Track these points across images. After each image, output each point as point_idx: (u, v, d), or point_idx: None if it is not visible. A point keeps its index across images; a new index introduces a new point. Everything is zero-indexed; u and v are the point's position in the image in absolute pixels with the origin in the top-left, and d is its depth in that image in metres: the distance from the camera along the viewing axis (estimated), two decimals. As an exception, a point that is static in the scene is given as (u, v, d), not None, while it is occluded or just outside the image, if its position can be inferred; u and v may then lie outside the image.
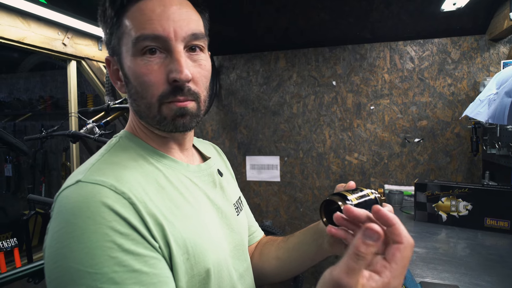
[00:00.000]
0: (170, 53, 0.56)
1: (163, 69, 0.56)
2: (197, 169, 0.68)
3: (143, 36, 0.54)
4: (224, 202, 0.71)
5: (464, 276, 1.19)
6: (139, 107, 0.59)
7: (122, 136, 0.64)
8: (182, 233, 0.54)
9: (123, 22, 0.57)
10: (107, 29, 0.60)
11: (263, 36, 2.57)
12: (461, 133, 2.41)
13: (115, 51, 0.60)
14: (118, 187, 0.49)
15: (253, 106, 2.86)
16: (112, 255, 0.45)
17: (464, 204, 1.71)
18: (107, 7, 0.58)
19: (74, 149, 2.32)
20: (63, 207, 0.48)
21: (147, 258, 0.48)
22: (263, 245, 0.86)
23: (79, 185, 0.49)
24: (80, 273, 0.44)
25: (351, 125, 2.65)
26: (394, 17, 2.23)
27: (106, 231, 0.46)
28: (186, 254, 0.53)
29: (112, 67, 0.63)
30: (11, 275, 1.15)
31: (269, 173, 2.85)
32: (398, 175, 2.57)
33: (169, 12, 0.55)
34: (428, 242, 1.54)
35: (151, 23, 0.54)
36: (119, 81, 0.63)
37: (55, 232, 0.47)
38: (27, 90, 3.62)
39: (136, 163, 0.58)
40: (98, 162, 0.55)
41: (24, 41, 1.85)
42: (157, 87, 0.56)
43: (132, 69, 0.57)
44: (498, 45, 2.30)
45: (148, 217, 0.50)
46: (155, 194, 0.54)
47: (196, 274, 0.55)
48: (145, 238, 0.49)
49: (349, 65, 2.62)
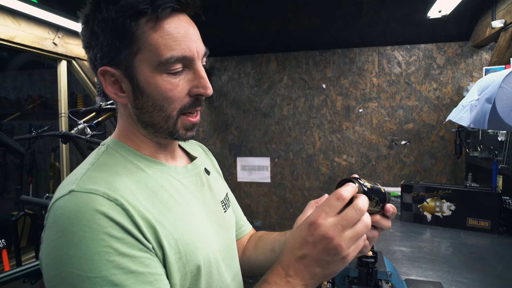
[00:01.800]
0: (194, 70, 0.61)
1: (186, 84, 0.61)
2: (184, 170, 0.70)
3: (174, 58, 0.57)
4: (211, 200, 0.74)
5: (447, 274, 1.24)
6: (153, 119, 0.62)
7: (110, 143, 0.65)
8: (173, 234, 0.57)
9: (144, 39, 0.57)
10: (114, 40, 0.57)
11: (254, 38, 2.61)
12: (445, 136, 2.49)
13: (121, 63, 0.58)
14: (111, 195, 0.51)
15: (244, 108, 2.89)
16: (109, 259, 0.47)
17: (447, 204, 1.78)
18: (121, 19, 0.55)
19: (64, 149, 2.30)
20: (59, 216, 0.50)
21: (142, 259, 0.50)
22: (258, 239, 0.89)
23: (73, 194, 0.51)
24: (81, 278, 0.46)
25: (340, 128, 2.70)
26: (383, 23, 2.29)
27: (102, 237, 0.48)
28: (178, 253, 0.56)
29: (108, 78, 0.61)
30: (8, 276, 1.16)
31: (260, 174, 2.89)
32: (385, 177, 2.64)
33: (190, 33, 0.60)
34: (414, 242, 1.60)
35: (179, 44, 0.58)
36: (119, 92, 0.62)
37: (52, 241, 0.49)
38: (15, 89, 3.56)
39: (126, 169, 0.60)
40: (89, 171, 0.56)
41: (14, 40, 1.83)
42: (180, 101, 0.61)
43: (153, 84, 0.58)
44: (481, 52, 2.39)
45: (140, 221, 0.52)
46: (146, 198, 0.56)
47: (188, 271, 0.58)
48: (139, 240, 0.51)
49: (339, 68, 2.67)
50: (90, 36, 0.59)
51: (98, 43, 0.58)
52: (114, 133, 0.68)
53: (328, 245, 0.51)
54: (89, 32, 0.59)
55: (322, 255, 0.52)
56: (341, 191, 0.53)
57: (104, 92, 2.08)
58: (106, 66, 0.59)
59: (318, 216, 0.52)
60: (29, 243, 2.24)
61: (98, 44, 0.58)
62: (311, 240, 0.52)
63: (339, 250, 0.51)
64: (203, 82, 0.61)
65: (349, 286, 0.92)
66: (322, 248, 0.52)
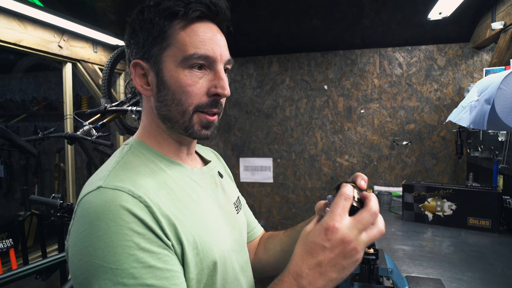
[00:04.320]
0: (214, 71, 0.65)
1: (205, 83, 0.65)
2: (200, 172, 0.74)
3: (197, 55, 0.62)
4: (225, 202, 0.77)
5: (447, 271, 1.26)
6: (170, 112, 0.66)
7: (133, 143, 0.69)
8: (191, 231, 0.60)
9: (173, 36, 0.63)
10: (149, 37, 0.63)
11: (256, 40, 2.63)
12: (446, 136, 2.51)
13: (151, 57, 0.64)
14: (135, 192, 0.55)
15: (247, 109, 2.91)
16: (131, 252, 0.50)
17: (448, 204, 1.80)
18: (157, 18, 0.62)
19: (69, 150, 2.33)
20: (86, 210, 0.53)
21: (160, 255, 0.53)
22: (266, 240, 0.92)
23: (101, 190, 0.55)
24: (103, 268, 0.50)
25: (342, 128, 2.73)
26: (384, 25, 2.31)
27: (126, 232, 0.51)
28: (196, 249, 0.59)
29: (138, 71, 0.67)
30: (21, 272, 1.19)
31: (262, 175, 2.91)
32: (387, 177, 2.66)
33: (217, 38, 0.65)
34: (415, 241, 1.61)
35: (204, 44, 0.63)
36: (145, 85, 0.67)
37: (79, 233, 0.53)
38: (20, 91, 3.60)
39: (148, 168, 0.63)
40: (115, 169, 0.60)
41: (21, 44, 1.87)
42: (197, 98, 0.64)
43: (175, 78, 0.63)
44: (481, 53, 2.40)
45: (161, 218, 0.55)
46: (166, 196, 0.60)
47: (205, 267, 0.61)
48: (159, 237, 0.54)
49: (340, 70, 2.70)
50: (131, 35, 0.67)
51: (136, 40, 0.66)
52: (137, 132, 0.73)
53: (346, 248, 0.51)
54: (131, 31, 0.67)
55: (339, 259, 0.51)
56: (345, 191, 0.54)
57: (108, 93, 2.12)
58: (138, 59, 0.66)
59: (334, 221, 0.52)
60: (35, 242, 2.27)
61: (136, 41, 0.66)
62: (329, 245, 0.51)
63: (354, 253, 0.51)
64: (221, 83, 0.65)
65: (351, 282, 0.94)
66: (339, 252, 0.51)
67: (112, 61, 2.10)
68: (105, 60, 2.52)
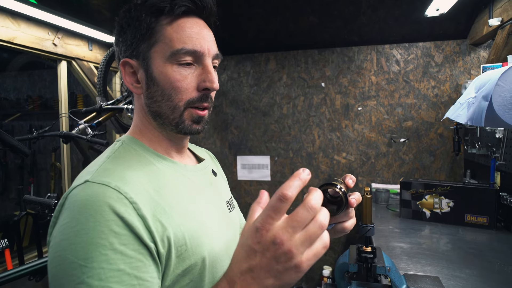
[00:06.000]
0: (203, 66, 0.65)
1: (194, 78, 0.65)
2: (193, 169, 0.74)
3: (185, 50, 0.63)
4: (218, 199, 0.77)
5: (445, 269, 1.26)
6: (161, 108, 0.66)
7: (125, 140, 0.69)
8: (181, 227, 0.59)
9: (160, 32, 0.63)
10: (137, 34, 0.64)
11: (254, 38, 2.62)
12: (444, 133, 2.51)
13: (140, 54, 0.65)
14: (122, 188, 0.54)
15: (244, 107, 2.90)
16: (103, 252, 0.49)
17: (446, 201, 1.80)
18: (144, 15, 0.63)
19: (64, 149, 2.31)
20: (71, 203, 0.53)
21: (133, 260, 0.51)
22: None
23: (87, 184, 0.54)
24: (74, 264, 0.48)
25: (340, 126, 2.72)
26: (381, 22, 2.30)
27: (103, 229, 0.50)
28: (184, 245, 0.59)
29: (128, 69, 0.67)
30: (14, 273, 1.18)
31: (260, 173, 2.90)
32: (384, 174, 2.65)
33: (204, 33, 0.66)
34: (413, 238, 1.61)
35: (191, 39, 0.63)
36: (135, 83, 0.67)
37: (61, 225, 0.52)
38: (15, 89, 3.57)
39: (139, 163, 0.63)
40: (105, 163, 0.59)
41: (14, 41, 1.84)
42: (187, 93, 0.65)
43: (164, 74, 0.63)
44: (478, 50, 2.40)
45: (147, 215, 0.54)
46: (157, 191, 0.59)
47: (193, 263, 0.60)
48: (139, 237, 0.52)
49: (338, 67, 2.69)
50: (119, 33, 0.67)
51: (124, 38, 0.66)
52: (129, 130, 0.72)
53: (277, 251, 0.43)
54: (119, 30, 0.67)
55: (272, 263, 0.44)
56: (283, 190, 0.44)
57: (104, 92, 2.10)
58: (127, 58, 0.66)
59: (264, 221, 0.44)
60: (31, 242, 2.25)
61: (124, 39, 0.66)
62: (259, 248, 0.44)
63: (290, 257, 0.43)
64: (210, 77, 0.65)
65: (348, 281, 0.93)
66: (271, 256, 0.43)
67: (107, 59, 2.08)
68: (100, 58, 2.50)
